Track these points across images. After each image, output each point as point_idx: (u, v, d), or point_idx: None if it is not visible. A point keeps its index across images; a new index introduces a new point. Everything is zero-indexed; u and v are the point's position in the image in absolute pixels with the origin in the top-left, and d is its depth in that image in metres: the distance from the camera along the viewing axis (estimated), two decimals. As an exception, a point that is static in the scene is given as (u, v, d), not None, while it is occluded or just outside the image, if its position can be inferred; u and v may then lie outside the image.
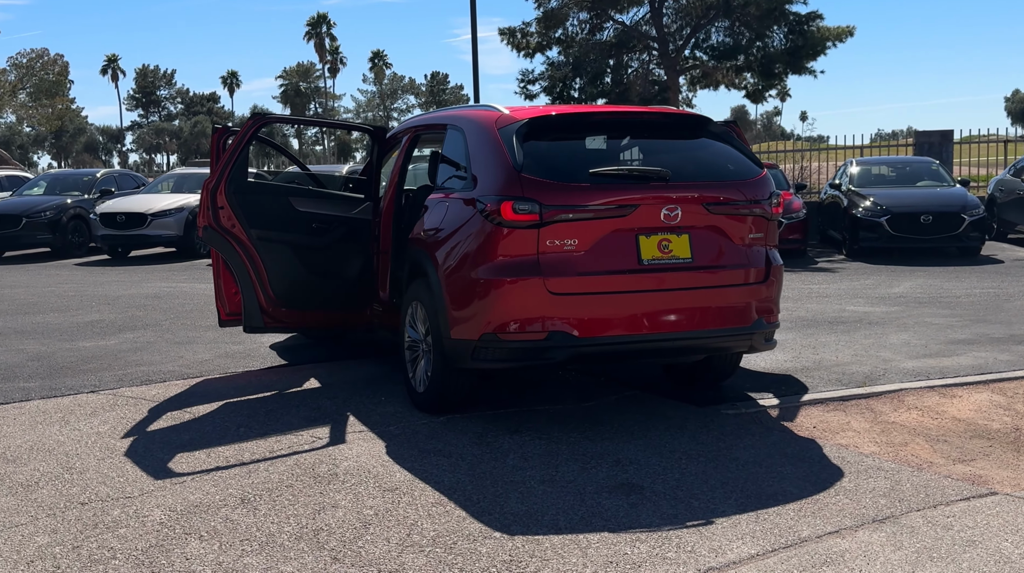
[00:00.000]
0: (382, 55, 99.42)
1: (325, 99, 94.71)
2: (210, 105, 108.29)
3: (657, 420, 5.61)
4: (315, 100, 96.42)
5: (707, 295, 5.37)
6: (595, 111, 5.96)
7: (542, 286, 5.07)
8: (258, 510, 4.23)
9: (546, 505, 4.25)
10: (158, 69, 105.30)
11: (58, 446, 5.31)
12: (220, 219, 6.36)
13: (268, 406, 6.15)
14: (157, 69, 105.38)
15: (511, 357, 5.19)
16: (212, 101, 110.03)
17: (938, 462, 4.87)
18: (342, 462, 4.92)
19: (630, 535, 3.89)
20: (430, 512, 4.18)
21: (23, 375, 7.26)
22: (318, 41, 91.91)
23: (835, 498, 4.30)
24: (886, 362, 7.15)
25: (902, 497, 4.30)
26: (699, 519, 4.06)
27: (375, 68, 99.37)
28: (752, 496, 4.35)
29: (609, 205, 5.17)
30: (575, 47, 23.50)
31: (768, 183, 5.61)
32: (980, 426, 5.51)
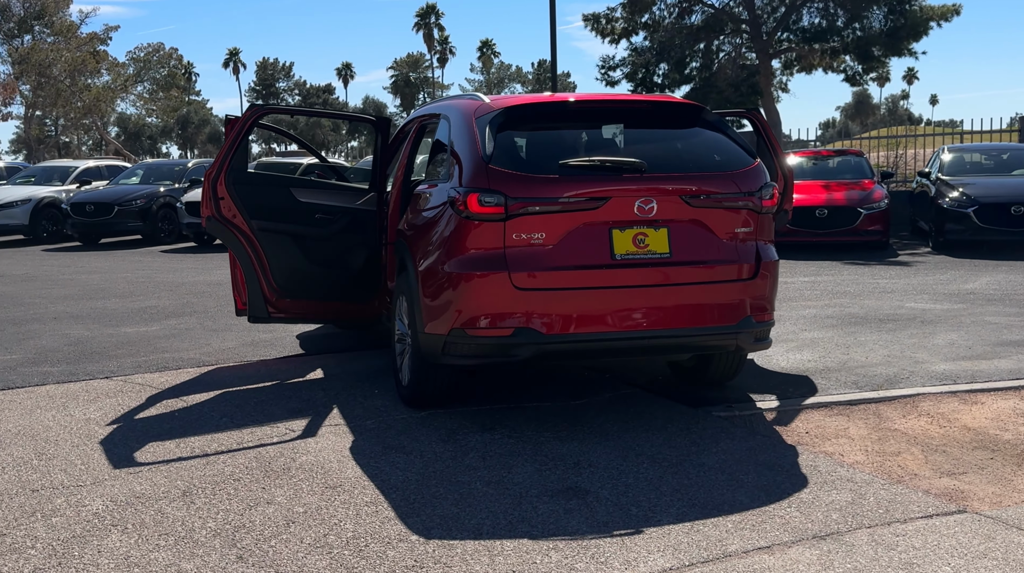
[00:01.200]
0: (490, 44, 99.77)
1: (433, 89, 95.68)
2: (325, 96, 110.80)
3: (639, 421, 5.40)
4: (424, 90, 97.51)
5: (687, 292, 5.13)
6: (577, 99, 5.74)
7: (508, 281, 4.92)
8: (194, 504, 4.23)
9: (480, 508, 4.12)
10: (277, 62, 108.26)
11: (43, 432, 5.44)
12: (222, 210, 6.41)
13: (261, 396, 6.17)
14: (276, 62, 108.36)
15: (479, 353, 5.06)
16: (327, 92, 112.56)
17: (923, 474, 4.54)
18: (301, 457, 4.89)
19: (548, 543, 3.73)
20: (360, 512, 4.10)
21: (52, 360, 7.49)
22: (426, 32, 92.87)
23: (785, 510, 4.04)
24: (918, 364, 6.74)
25: (859, 512, 4.01)
26: (629, 528, 3.87)
27: (483, 57, 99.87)
28: (698, 505, 4.12)
29: (578, 197, 4.98)
30: (661, 32, 23.00)
31: (759, 175, 5.32)
32: (990, 436, 5.12)
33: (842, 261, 13.74)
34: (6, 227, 20.18)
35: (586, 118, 5.60)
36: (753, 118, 7.05)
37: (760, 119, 7.01)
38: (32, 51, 47.51)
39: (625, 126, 5.57)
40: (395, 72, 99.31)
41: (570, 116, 5.59)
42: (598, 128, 5.54)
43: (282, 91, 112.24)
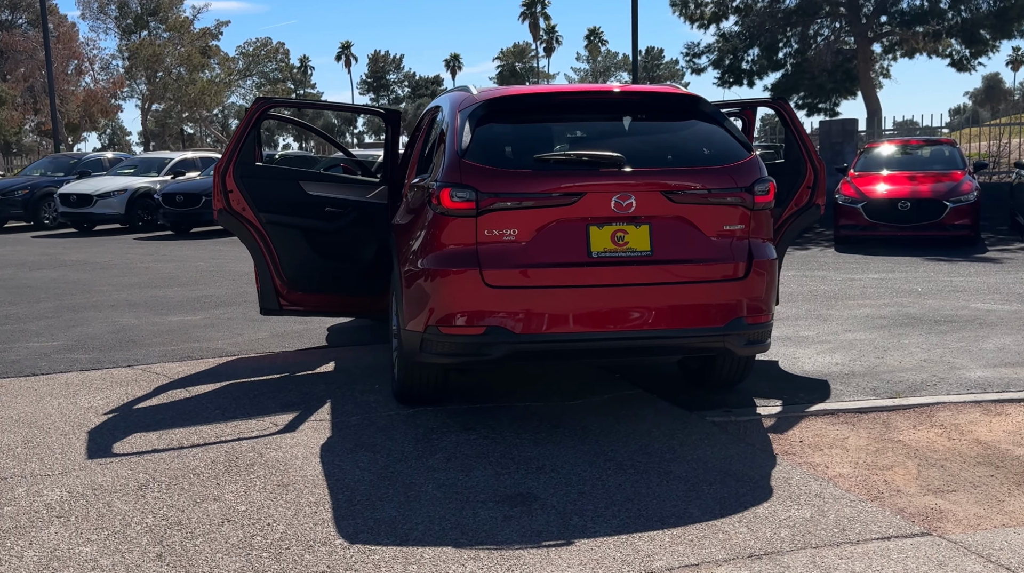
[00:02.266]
0: (598, 32, 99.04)
1: (538, 79, 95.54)
2: (434, 88, 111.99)
3: (626, 424, 5.21)
4: (529, 80, 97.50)
5: (670, 292, 4.90)
6: (562, 91, 5.54)
7: (479, 278, 4.79)
8: (144, 498, 4.25)
9: (421, 513, 4.01)
10: (388, 54, 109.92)
11: (41, 419, 5.57)
12: (231, 203, 6.46)
13: (263, 389, 6.20)
14: (387, 54, 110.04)
15: (453, 352, 4.95)
16: (436, 84, 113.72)
17: (907, 491, 4.23)
18: (270, 452, 4.87)
19: (470, 552, 3.60)
20: (299, 513, 4.05)
21: (87, 347, 7.70)
22: (532, 21, 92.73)
23: (732, 526, 3.81)
24: (953, 370, 6.33)
25: (811, 531, 3.75)
26: (560, 539, 3.71)
27: (590, 46, 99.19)
28: (644, 517, 3.93)
29: (552, 193, 4.81)
30: (752, 15, 22.32)
31: (752, 169, 5.03)
32: (1000, 451, 4.75)
33: (923, 257, 13.09)
34: (104, 216, 20.98)
35: (573, 110, 5.41)
36: (779, 108, 6.72)
37: (787, 109, 6.67)
38: (141, 46, 49.38)
39: (615, 118, 5.35)
40: (501, 63, 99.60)
41: (555, 108, 5.40)
42: (585, 121, 5.35)
43: (392, 83, 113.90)
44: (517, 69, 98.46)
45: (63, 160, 25.58)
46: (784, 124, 6.70)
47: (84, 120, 48.77)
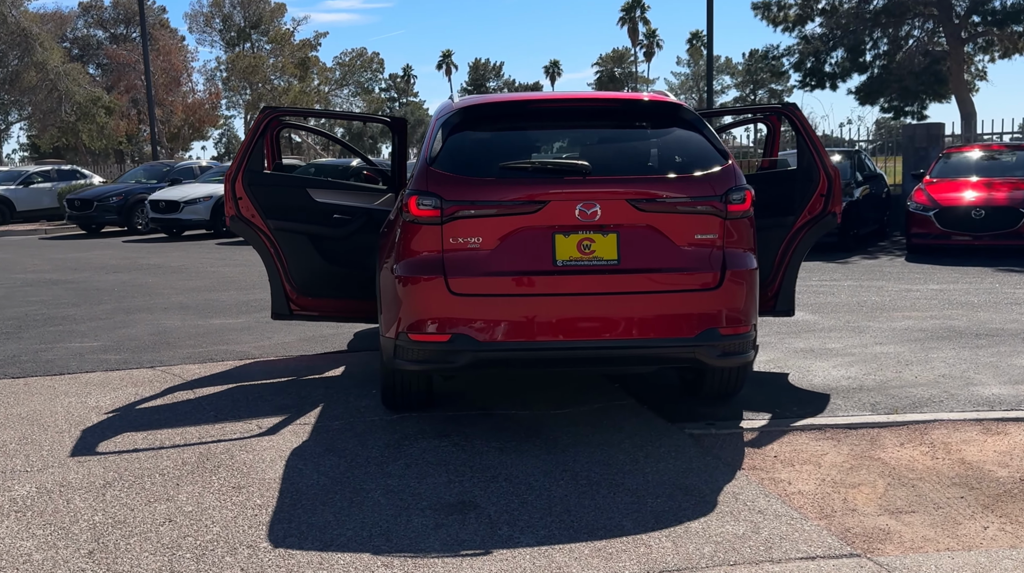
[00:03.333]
0: (700, 36, 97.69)
1: (636, 84, 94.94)
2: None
3: (601, 435, 5.15)
4: (628, 85, 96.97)
5: (637, 301, 4.82)
6: (537, 99, 5.50)
7: (444, 286, 4.81)
8: (104, 496, 4.40)
9: (357, 518, 4.05)
10: (488, 62, 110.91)
11: (46, 417, 5.81)
12: (241, 209, 6.62)
13: (264, 392, 6.34)
14: (488, 62, 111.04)
15: (422, 358, 4.97)
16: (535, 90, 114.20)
17: (863, 511, 4.08)
18: (242, 454, 4.98)
19: (385, 559, 3.62)
20: (240, 515, 4.13)
21: (123, 348, 8.00)
22: (631, 26, 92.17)
23: (657, 541, 3.74)
24: (968, 386, 6.07)
25: (737, 547, 3.66)
26: (479, 549, 3.69)
27: (691, 49, 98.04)
28: (575, 528, 3.88)
29: (515, 201, 4.79)
30: (837, 17, 21.71)
31: (727, 178, 4.92)
32: (982, 472, 4.54)
33: (995, 267, 12.53)
34: (190, 222, 21.72)
35: (548, 118, 5.38)
36: (790, 114, 6.53)
37: (798, 115, 6.48)
38: (238, 58, 51.04)
39: (591, 126, 5.31)
40: (600, 68, 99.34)
41: (531, 116, 5.38)
42: (561, 129, 5.31)
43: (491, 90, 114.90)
44: (616, 74, 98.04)
45: (157, 168, 26.58)
46: (795, 131, 6.52)
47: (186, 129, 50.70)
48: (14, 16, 40.77)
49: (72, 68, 43.50)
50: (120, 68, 48.60)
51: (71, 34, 55.05)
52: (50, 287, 12.68)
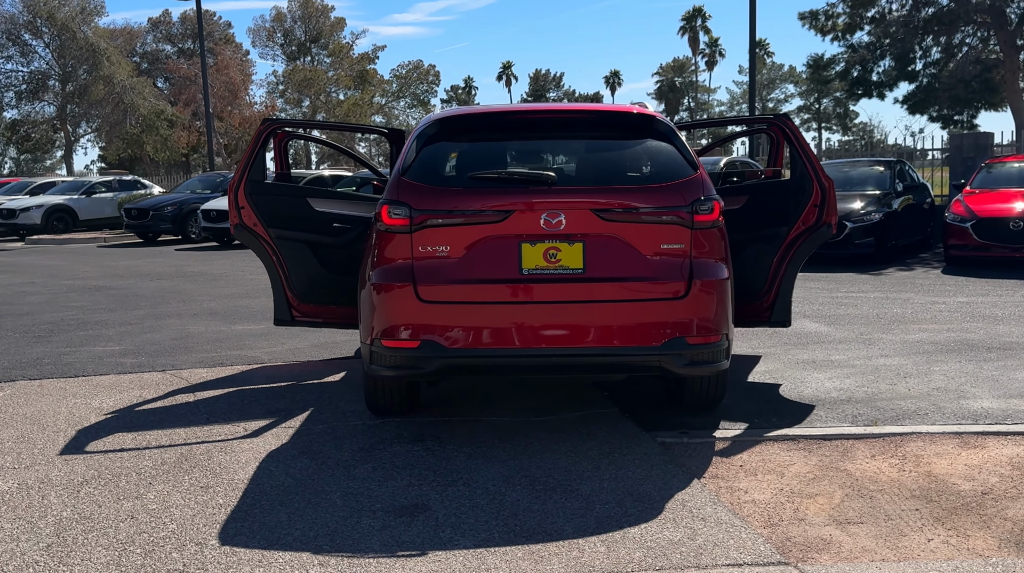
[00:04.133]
0: (763, 44, 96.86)
1: (697, 93, 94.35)
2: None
3: (572, 442, 5.21)
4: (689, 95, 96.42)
5: (603, 310, 4.88)
6: (513, 110, 5.58)
7: (413, 293, 4.93)
8: (78, 493, 4.58)
9: (308, 519, 4.16)
10: (548, 73, 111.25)
11: (48, 417, 6.05)
12: (243, 218, 6.82)
13: (259, 396, 6.51)
14: (548, 73, 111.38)
15: (394, 364, 5.08)
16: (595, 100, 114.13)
17: (811, 521, 4.08)
18: (219, 456, 5.13)
19: (323, 557, 3.73)
20: (199, 513, 4.27)
21: (141, 352, 8.27)
22: (692, 35, 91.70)
23: (593, 545, 3.79)
24: (960, 399, 6.00)
25: (667, 553, 3.70)
26: (415, 550, 3.78)
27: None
28: (515, 532, 3.95)
29: (481, 210, 4.88)
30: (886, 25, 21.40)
31: (693, 188, 4.95)
32: (946, 485, 4.50)
33: (1034, 279, 12.26)
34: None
35: (523, 130, 5.46)
36: (780, 125, 6.52)
37: (789, 127, 6.46)
38: (294, 71, 52.05)
39: (564, 137, 5.38)
40: (660, 78, 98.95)
41: (506, 127, 5.46)
42: (535, 140, 5.39)
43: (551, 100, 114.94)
44: (676, 84, 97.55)
45: (212, 178, 27.21)
46: (788, 142, 6.51)
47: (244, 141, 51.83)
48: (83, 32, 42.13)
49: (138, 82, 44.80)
50: (182, 82, 49.95)
51: (141, 48, 56.68)
52: (92, 293, 13.10)
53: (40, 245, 24.93)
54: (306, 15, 54.52)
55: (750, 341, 8.13)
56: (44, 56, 48.59)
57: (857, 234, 14.11)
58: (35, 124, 52.77)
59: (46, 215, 27.59)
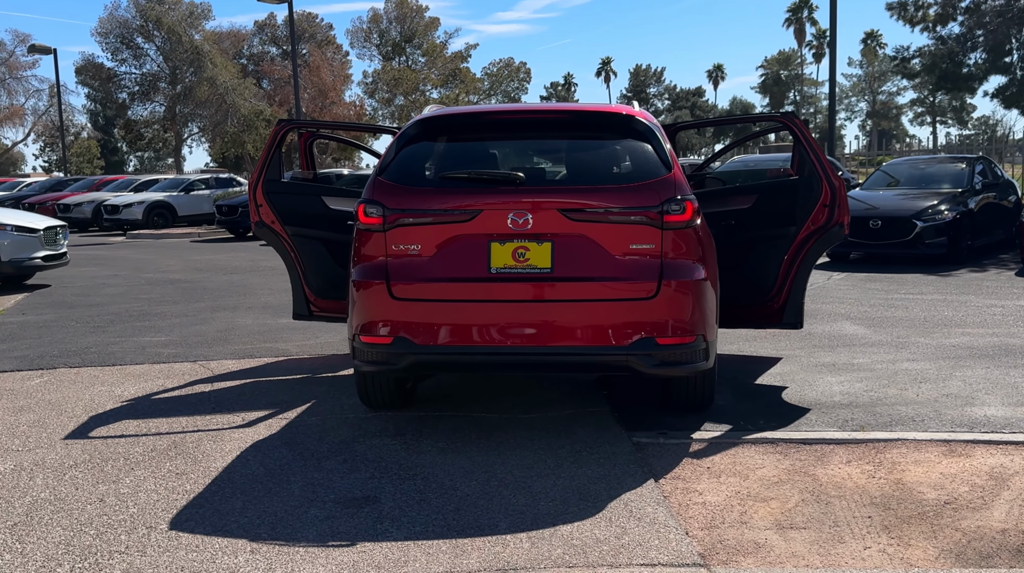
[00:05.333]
0: (876, 35, 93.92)
1: (802, 86, 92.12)
2: (695, 99, 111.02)
3: (548, 439, 5.25)
4: (794, 88, 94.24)
5: (570, 309, 4.90)
6: (493, 110, 5.61)
7: (386, 290, 5.04)
8: (63, 476, 4.83)
9: (259, 507, 4.30)
10: (649, 68, 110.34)
11: (69, 403, 6.38)
12: (262, 216, 7.06)
13: (270, 387, 6.73)
14: (648, 68, 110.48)
15: (372, 360, 5.20)
16: (697, 95, 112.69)
17: (752, 524, 4.04)
18: (206, 445, 5.34)
19: (256, 544, 3.86)
20: (163, 499, 4.47)
21: (183, 343, 8.62)
22: (798, 27, 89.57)
23: (520, 540, 3.84)
24: (967, 406, 5.82)
25: (588, 550, 3.73)
26: (347, 540, 3.90)
27: (865, 50, 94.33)
28: (451, 526, 4.02)
29: (450, 209, 4.96)
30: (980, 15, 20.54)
31: (663, 189, 4.92)
32: (912, 493, 4.39)
33: (1112, 281, 11.68)
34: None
35: (503, 130, 5.50)
36: (789, 123, 6.39)
37: (797, 124, 6.34)
38: (383, 71, 52.92)
39: (544, 137, 5.41)
40: (765, 71, 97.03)
41: (484, 128, 5.51)
42: (514, 140, 5.44)
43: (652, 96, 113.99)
44: (782, 77, 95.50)
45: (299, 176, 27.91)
46: (795, 139, 6.39)
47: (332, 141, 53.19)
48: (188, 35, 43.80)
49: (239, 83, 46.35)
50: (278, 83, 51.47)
51: (247, 51, 58.53)
52: (164, 286, 13.66)
53: (139, 239, 26.03)
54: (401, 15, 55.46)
55: (776, 343, 8.00)
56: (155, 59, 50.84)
57: (928, 234, 13.66)
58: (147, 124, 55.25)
59: (147, 211, 28.76)
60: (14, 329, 9.80)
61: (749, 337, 8.22)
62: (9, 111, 67.72)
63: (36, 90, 64.26)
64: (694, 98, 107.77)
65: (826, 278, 12.75)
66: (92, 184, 35.75)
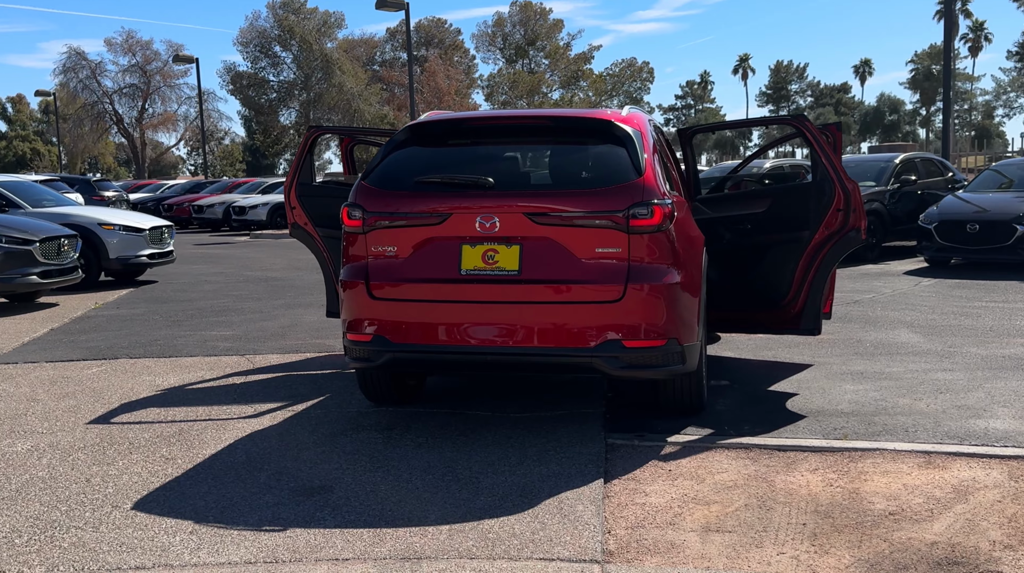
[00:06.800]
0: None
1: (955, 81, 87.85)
2: (840, 96, 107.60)
3: (526, 438, 5.36)
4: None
5: (536, 311, 4.99)
6: (475, 117, 5.71)
7: (366, 290, 5.26)
8: (68, 458, 5.22)
9: (221, 493, 4.55)
10: (791, 64, 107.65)
11: (109, 391, 6.86)
12: (296, 218, 7.41)
13: (293, 381, 7.05)
14: (790, 64, 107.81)
15: (356, 357, 5.43)
16: (842, 92, 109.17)
17: (679, 526, 4.07)
18: (208, 433, 5.67)
19: (198, 526, 4.11)
20: (140, 480, 4.79)
21: (243, 338, 9.08)
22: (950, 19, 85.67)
23: (436, 531, 3.99)
24: (972, 418, 5.63)
25: (496, 543, 3.85)
26: (278, 526, 4.11)
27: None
28: (384, 517, 4.19)
29: (422, 213, 5.13)
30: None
31: (630, 193, 4.94)
32: (859, 504, 4.31)
33: None
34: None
35: (487, 135, 5.62)
36: (800, 126, 6.28)
37: (808, 126, 6.22)
38: (499, 74, 53.45)
39: (525, 142, 5.51)
40: (915, 66, 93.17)
41: (469, 134, 5.64)
42: (498, 145, 5.56)
43: (793, 93, 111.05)
44: (933, 72, 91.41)
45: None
46: (807, 143, 6.28)
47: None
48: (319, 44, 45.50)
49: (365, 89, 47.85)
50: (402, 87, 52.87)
51: (379, 57, 60.32)
52: (258, 283, 14.33)
53: (260, 239, 27.21)
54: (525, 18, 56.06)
55: (815, 350, 7.85)
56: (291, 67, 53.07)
57: (1030, 238, 12.98)
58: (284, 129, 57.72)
59: (270, 212, 30.01)
60: (101, 321, 10.52)
61: (788, 343, 8.08)
62: (163, 117, 71.84)
63: (188, 97, 67.95)
64: (839, 94, 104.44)
65: (913, 284, 12.31)
66: (226, 186, 37.52)
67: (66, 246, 12.20)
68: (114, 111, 69.37)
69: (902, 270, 13.93)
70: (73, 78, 67.18)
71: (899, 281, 12.67)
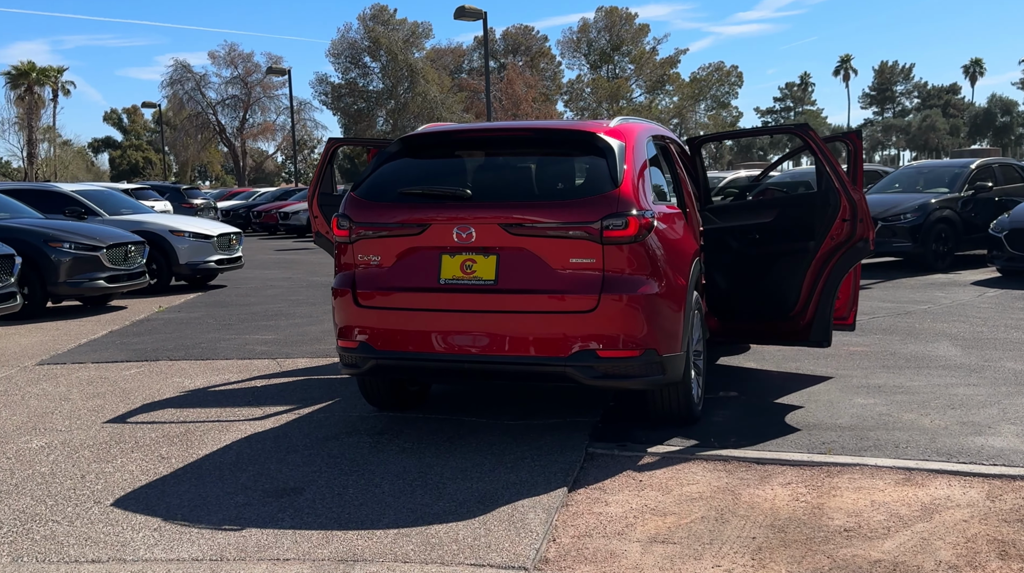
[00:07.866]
0: None
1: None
2: (948, 97, 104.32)
3: (508, 446, 5.42)
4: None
5: (512, 320, 5.06)
6: (462, 130, 5.79)
7: (352, 298, 5.40)
8: (73, 455, 5.49)
9: (197, 493, 4.72)
10: (896, 65, 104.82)
11: (137, 392, 7.16)
12: (318, 227, 7.63)
13: (310, 386, 7.24)
14: (895, 65, 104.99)
15: (346, 363, 5.58)
16: (952, 93, 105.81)
17: (627, 536, 4.08)
18: (214, 434, 5.89)
19: (164, 524, 4.30)
20: (128, 478, 5.01)
21: (282, 342, 9.35)
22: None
23: (382, 534, 4.08)
24: (972, 435, 5.48)
25: (432, 548, 3.92)
26: (236, 525, 4.27)
27: None
28: (338, 519, 4.31)
29: (402, 223, 5.25)
30: None
31: (607, 204, 4.96)
32: (816, 519, 4.26)
33: None
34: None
35: (474, 147, 5.70)
36: (803, 135, 6.19)
37: (810, 135, 6.12)
38: (577, 80, 53.40)
39: (511, 154, 5.59)
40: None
41: (458, 146, 5.73)
42: (484, 157, 5.64)
43: (899, 95, 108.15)
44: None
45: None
46: (811, 152, 6.19)
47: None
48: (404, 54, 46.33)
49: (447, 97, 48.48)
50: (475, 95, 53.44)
51: (467, 65, 61.02)
52: (318, 289, 14.67)
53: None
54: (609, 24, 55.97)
55: (840, 362, 7.71)
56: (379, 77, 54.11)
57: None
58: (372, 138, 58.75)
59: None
60: (157, 325, 10.95)
61: (816, 355, 7.94)
62: (262, 127, 73.94)
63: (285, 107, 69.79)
64: (948, 95, 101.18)
65: (976, 295, 11.92)
66: (313, 194, 38.55)
67: (133, 252, 12.73)
68: (217, 121, 71.79)
69: (970, 280, 13.48)
70: (180, 89, 69.81)
71: (962, 291, 12.27)
